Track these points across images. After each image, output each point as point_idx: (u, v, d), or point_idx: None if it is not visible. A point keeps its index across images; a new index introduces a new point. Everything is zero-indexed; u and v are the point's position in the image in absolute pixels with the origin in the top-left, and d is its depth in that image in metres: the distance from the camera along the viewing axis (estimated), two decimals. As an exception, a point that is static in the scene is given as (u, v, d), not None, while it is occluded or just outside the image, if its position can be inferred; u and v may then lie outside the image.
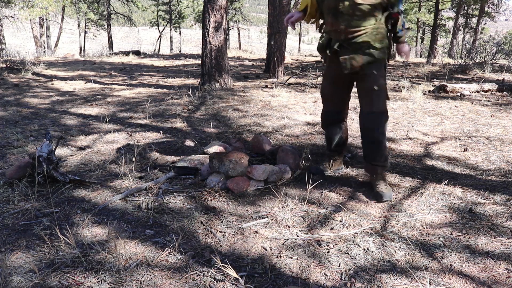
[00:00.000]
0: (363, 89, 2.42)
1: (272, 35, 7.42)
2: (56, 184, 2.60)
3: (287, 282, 1.68)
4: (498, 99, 5.43)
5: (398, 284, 1.66)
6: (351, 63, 2.32)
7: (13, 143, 3.49)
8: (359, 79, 2.44)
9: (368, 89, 2.37)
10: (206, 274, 1.72)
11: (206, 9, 5.79)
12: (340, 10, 2.24)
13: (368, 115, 2.42)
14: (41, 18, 19.86)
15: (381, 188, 2.40)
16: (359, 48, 2.30)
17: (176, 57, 12.73)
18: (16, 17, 13.45)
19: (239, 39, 29.91)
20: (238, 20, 28.55)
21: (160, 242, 1.97)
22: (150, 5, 28.08)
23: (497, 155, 3.14)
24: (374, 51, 2.30)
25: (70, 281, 1.67)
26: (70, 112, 4.82)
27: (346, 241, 1.97)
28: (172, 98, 5.54)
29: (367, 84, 2.37)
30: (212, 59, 5.95)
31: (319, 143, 3.50)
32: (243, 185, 2.53)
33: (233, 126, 4.10)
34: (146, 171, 2.88)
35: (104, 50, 17.19)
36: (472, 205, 2.32)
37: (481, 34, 19.52)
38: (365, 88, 2.40)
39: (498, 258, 1.82)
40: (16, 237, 2.01)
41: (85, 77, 7.72)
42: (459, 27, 18.07)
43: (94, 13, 23.83)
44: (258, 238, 2.00)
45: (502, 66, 8.77)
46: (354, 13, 2.22)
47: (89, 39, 26.53)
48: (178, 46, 30.46)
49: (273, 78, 7.42)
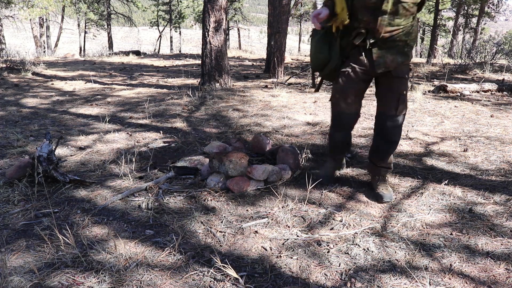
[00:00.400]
0: (390, 92, 2.32)
1: (272, 35, 7.42)
2: (56, 184, 2.60)
3: (287, 282, 1.68)
4: (498, 99, 5.43)
5: (398, 284, 1.66)
6: (385, 61, 2.22)
7: (13, 143, 3.49)
8: (386, 81, 2.32)
9: (397, 93, 2.29)
10: (206, 274, 1.72)
11: (206, 9, 5.79)
12: (383, 9, 2.10)
13: (393, 118, 2.34)
14: (41, 18, 19.87)
15: (382, 189, 2.40)
16: (395, 46, 2.20)
17: (176, 57, 12.73)
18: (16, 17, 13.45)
19: (239, 39, 29.91)
20: (238, 20, 28.55)
21: (160, 242, 1.97)
22: (150, 5, 28.08)
23: (497, 155, 3.14)
24: (409, 51, 2.23)
25: (70, 281, 1.67)
26: (70, 112, 4.82)
27: (346, 241, 1.97)
28: (172, 98, 5.53)
29: (396, 87, 2.29)
30: (212, 59, 5.95)
31: (319, 143, 3.50)
32: (243, 185, 2.53)
33: (233, 126, 4.09)
34: (146, 171, 2.88)
35: (104, 50, 17.20)
36: (472, 205, 2.32)
37: (481, 34, 19.52)
38: (393, 91, 2.30)
39: (498, 258, 1.82)
40: (16, 237, 2.01)
41: (85, 77, 7.72)
42: (459, 27, 18.07)
43: (94, 13, 23.83)
44: (258, 238, 2.00)
45: (502, 66, 8.77)
46: (397, 11, 2.11)
47: (89, 39, 26.53)
48: (178, 46, 30.46)
49: (273, 78, 7.42)
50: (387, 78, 2.31)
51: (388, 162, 2.48)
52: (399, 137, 2.41)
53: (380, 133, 2.44)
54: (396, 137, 2.40)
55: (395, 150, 2.48)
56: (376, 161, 2.50)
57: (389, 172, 2.57)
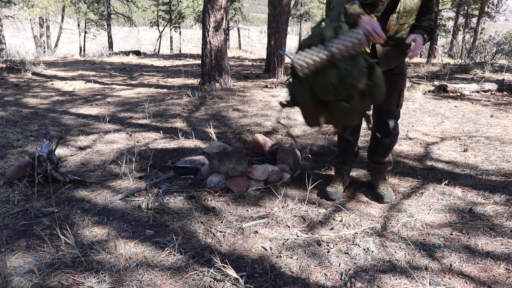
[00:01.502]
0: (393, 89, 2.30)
1: (272, 35, 7.42)
2: (56, 184, 2.60)
3: (287, 282, 1.68)
4: (498, 99, 5.43)
5: (398, 284, 1.66)
6: (388, 60, 2.23)
7: (13, 143, 3.49)
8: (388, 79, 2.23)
9: (398, 89, 2.32)
10: (206, 274, 1.72)
11: (206, 9, 5.79)
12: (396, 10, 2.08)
13: (394, 114, 2.37)
14: (41, 18, 19.85)
15: (382, 189, 2.40)
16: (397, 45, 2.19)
17: (176, 57, 12.73)
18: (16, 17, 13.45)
19: (239, 39, 29.91)
20: (238, 20, 28.54)
21: (160, 242, 1.97)
22: (150, 5, 28.06)
23: (497, 155, 3.14)
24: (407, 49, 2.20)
25: (70, 281, 1.67)
26: (70, 112, 4.82)
27: (346, 241, 1.97)
28: (172, 98, 5.53)
29: (399, 84, 2.32)
30: (212, 59, 5.95)
31: (319, 143, 3.50)
32: (243, 185, 2.53)
33: (233, 126, 4.09)
34: (146, 171, 2.88)
35: (104, 50, 17.20)
36: (472, 205, 2.32)
37: (481, 34, 19.50)
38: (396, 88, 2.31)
39: (498, 258, 1.82)
40: (16, 237, 2.01)
41: (85, 77, 7.72)
42: (459, 27, 18.05)
43: (94, 13, 23.82)
44: (258, 238, 2.00)
45: (502, 66, 8.77)
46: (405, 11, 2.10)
47: (89, 39, 26.52)
48: (178, 46, 30.44)
49: (273, 78, 7.42)
50: (389, 76, 2.32)
51: (389, 159, 2.49)
52: (398, 129, 2.44)
53: (381, 130, 2.43)
54: (396, 129, 2.43)
55: (395, 146, 2.48)
56: (378, 159, 2.50)
57: (390, 169, 2.57)
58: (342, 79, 1.67)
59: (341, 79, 1.68)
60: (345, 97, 1.75)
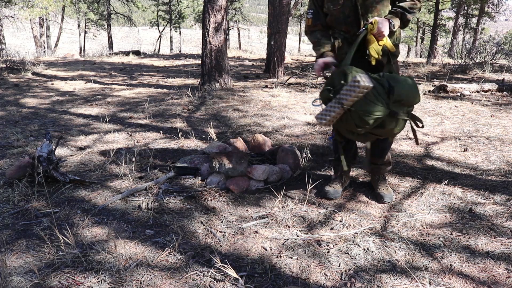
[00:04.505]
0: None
1: (272, 35, 7.42)
2: (56, 184, 2.60)
3: (287, 282, 1.68)
4: (498, 99, 5.43)
5: (398, 284, 1.66)
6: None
7: (13, 143, 3.49)
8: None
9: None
10: (206, 274, 1.72)
11: (206, 9, 5.80)
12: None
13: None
14: (41, 18, 19.84)
15: (382, 189, 2.40)
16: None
17: (176, 57, 12.73)
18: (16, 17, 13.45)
19: (239, 39, 29.90)
20: (238, 20, 28.54)
21: (160, 242, 1.97)
22: (150, 5, 28.06)
23: (497, 155, 3.14)
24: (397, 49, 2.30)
25: (70, 281, 1.67)
26: (70, 112, 4.82)
27: (346, 241, 1.97)
28: (172, 98, 5.54)
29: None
30: (212, 59, 5.95)
31: (319, 143, 3.50)
32: (243, 185, 2.53)
33: (233, 126, 4.09)
34: (146, 171, 2.88)
35: (104, 50, 17.20)
36: (472, 205, 2.32)
37: (481, 34, 19.51)
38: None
39: (498, 258, 1.82)
40: (16, 237, 2.01)
41: (85, 77, 7.72)
42: (459, 27, 18.07)
43: (94, 13, 23.83)
44: (258, 238, 2.00)
45: (502, 66, 8.77)
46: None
47: (89, 39, 26.53)
48: (178, 46, 30.45)
49: (273, 78, 7.42)
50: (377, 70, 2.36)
51: (387, 159, 2.48)
52: None
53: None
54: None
55: (394, 146, 2.47)
56: (376, 160, 2.50)
57: (389, 169, 2.57)
58: (361, 118, 1.87)
59: (361, 118, 1.87)
60: (376, 124, 1.91)
